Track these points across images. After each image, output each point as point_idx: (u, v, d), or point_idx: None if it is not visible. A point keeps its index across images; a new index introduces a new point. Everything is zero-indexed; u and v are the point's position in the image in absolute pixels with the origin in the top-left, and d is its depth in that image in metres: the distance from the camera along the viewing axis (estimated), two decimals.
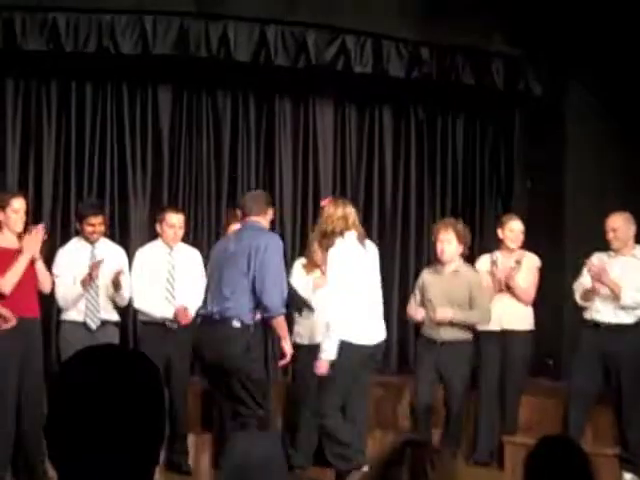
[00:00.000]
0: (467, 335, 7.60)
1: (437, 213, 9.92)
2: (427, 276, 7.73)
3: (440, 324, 7.49)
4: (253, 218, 6.75)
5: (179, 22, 8.13)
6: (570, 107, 9.43)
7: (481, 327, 7.85)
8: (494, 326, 7.96)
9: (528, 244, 8.16)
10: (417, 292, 7.77)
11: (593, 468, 3.07)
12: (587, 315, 7.60)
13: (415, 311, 7.71)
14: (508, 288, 7.94)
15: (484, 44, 9.07)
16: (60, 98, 8.73)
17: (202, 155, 9.16)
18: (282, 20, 8.39)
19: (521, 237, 8.00)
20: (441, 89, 9.47)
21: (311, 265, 7.60)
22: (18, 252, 6.92)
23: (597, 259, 7.56)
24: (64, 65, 8.45)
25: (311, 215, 9.27)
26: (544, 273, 8.09)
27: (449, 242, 7.52)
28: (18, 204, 7.04)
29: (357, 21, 8.58)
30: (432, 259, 8.01)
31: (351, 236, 6.77)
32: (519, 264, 7.93)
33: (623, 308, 7.41)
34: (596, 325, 7.52)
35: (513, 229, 7.98)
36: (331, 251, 6.71)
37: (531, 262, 8.03)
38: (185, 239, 7.95)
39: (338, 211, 6.78)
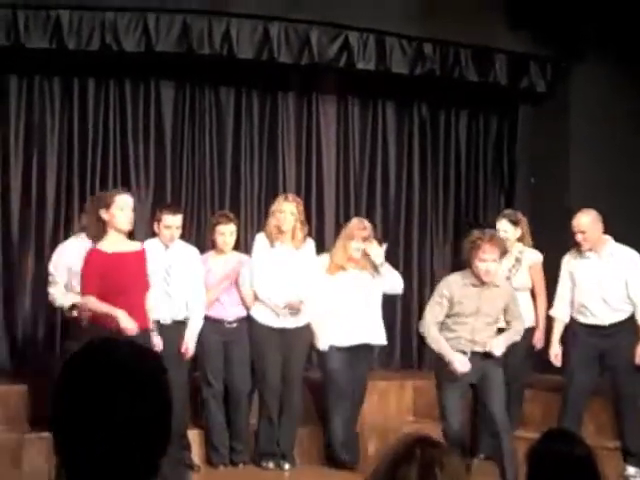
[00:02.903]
0: None
1: (440, 209, 9.94)
2: (461, 288, 6.91)
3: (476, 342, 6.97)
4: None
5: (182, 19, 8.14)
6: (574, 103, 9.43)
7: None
8: None
9: (531, 240, 8.16)
10: (444, 302, 6.94)
11: (597, 461, 3.07)
12: (582, 320, 7.60)
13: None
14: None
15: (488, 40, 9.08)
16: (63, 95, 8.73)
17: (205, 152, 9.15)
18: (285, 17, 8.40)
19: (507, 236, 7.92)
20: (444, 85, 9.47)
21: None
22: (137, 255, 6.78)
23: (568, 263, 7.60)
24: (67, 62, 8.45)
25: (314, 210, 9.28)
26: (547, 269, 8.09)
27: (495, 261, 6.85)
28: (123, 201, 6.80)
29: (360, 18, 8.58)
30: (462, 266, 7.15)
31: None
32: (518, 262, 7.94)
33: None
34: (591, 326, 7.54)
35: (498, 229, 7.94)
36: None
37: (532, 259, 8.01)
38: (187, 236, 7.94)
39: None
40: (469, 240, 6.91)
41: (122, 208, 6.72)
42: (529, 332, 8.02)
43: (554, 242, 8.89)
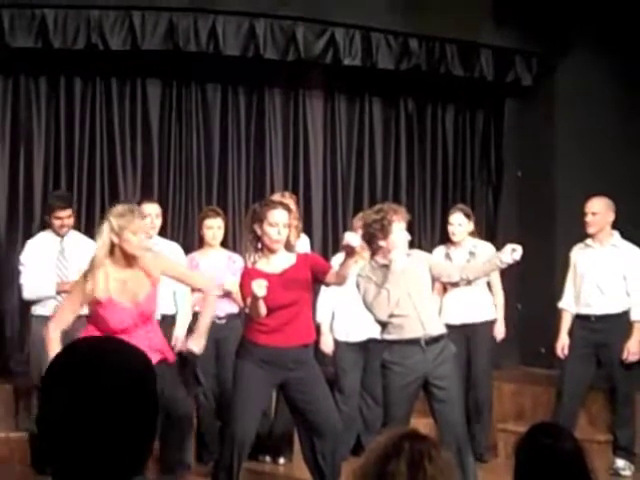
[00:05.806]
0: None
1: (427, 204, 9.95)
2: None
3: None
4: None
5: (168, 17, 8.13)
6: (560, 97, 9.45)
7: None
8: (455, 320, 7.77)
9: (518, 233, 8.18)
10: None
11: (585, 455, 3.07)
12: (578, 310, 7.62)
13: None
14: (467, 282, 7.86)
15: (473, 35, 9.09)
16: (49, 94, 8.70)
17: (192, 149, 9.14)
18: (271, 14, 8.40)
19: (461, 229, 7.94)
20: (430, 80, 9.48)
21: None
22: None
23: (574, 255, 7.61)
24: (53, 61, 8.43)
25: (302, 207, 9.26)
26: (534, 261, 8.10)
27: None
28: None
29: (346, 14, 8.59)
30: None
31: None
32: (473, 256, 7.87)
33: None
34: (586, 317, 7.55)
35: (452, 222, 7.97)
36: None
37: (487, 253, 7.93)
38: (175, 233, 7.91)
39: None
40: (372, 221, 6.01)
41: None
42: (489, 326, 7.99)
43: (540, 234, 8.94)
